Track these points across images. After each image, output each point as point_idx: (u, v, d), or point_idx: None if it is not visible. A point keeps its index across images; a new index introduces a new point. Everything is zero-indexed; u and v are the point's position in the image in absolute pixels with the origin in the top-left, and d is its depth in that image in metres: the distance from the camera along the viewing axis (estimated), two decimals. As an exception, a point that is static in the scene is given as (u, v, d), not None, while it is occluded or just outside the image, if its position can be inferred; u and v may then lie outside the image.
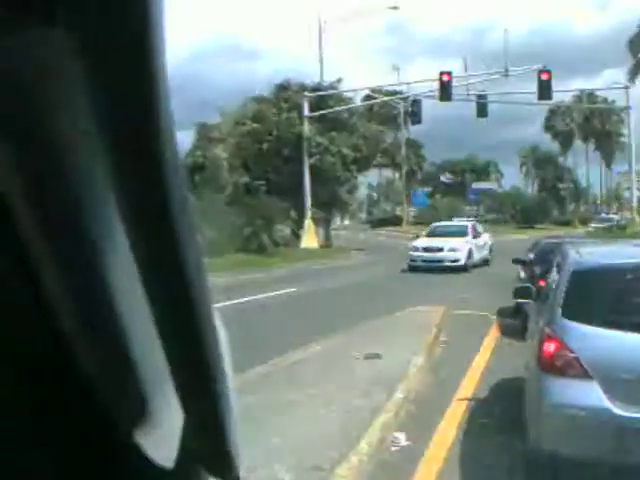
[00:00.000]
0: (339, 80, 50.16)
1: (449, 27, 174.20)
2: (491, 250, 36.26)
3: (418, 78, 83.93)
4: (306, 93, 46.43)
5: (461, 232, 34.53)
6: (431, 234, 35.62)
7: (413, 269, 31.55)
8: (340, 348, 12.66)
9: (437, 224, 39.77)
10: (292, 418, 8.20)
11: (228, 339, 0.96)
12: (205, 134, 47.46)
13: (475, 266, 32.73)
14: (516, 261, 19.82)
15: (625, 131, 65.81)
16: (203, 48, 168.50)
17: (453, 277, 29.40)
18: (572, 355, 6.28)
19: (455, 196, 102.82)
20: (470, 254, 32.66)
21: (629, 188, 63.15)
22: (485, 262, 34.55)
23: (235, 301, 20.86)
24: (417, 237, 36.72)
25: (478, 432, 8.35)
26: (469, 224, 37.80)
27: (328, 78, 51.44)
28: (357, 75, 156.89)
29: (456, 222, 42.71)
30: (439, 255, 32.10)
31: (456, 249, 32.19)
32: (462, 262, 31.85)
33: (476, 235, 34.89)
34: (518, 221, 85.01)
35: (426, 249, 32.58)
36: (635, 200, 60.62)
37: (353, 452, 6.93)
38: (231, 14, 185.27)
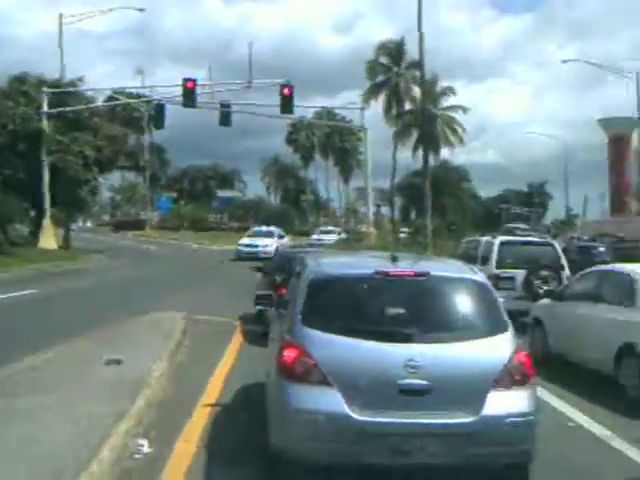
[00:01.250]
0: (80, 78, 48.65)
1: (198, 35, 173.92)
2: None
3: (164, 83, 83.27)
4: (45, 89, 44.69)
5: None
6: None
7: None
8: (80, 353, 12.24)
9: None
10: (28, 427, 7.81)
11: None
12: None
13: None
14: (256, 269, 20.22)
15: (362, 149, 68.71)
16: None
17: (201, 282, 29.48)
18: (312, 362, 6.50)
19: (200, 202, 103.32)
20: None
21: (365, 204, 65.93)
22: None
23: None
24: None
25: (222, 437, 8.41)
26: None
27: (70, 74, 49.78)
28: (100, 75, 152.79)
29: None
30: None
31: None
32: None
33: None
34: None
35: None
36: (371, 215, 63.58)
37: (94, 460, 6.73)
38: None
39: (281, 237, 52.24)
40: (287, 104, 42.30)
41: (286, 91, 41.72)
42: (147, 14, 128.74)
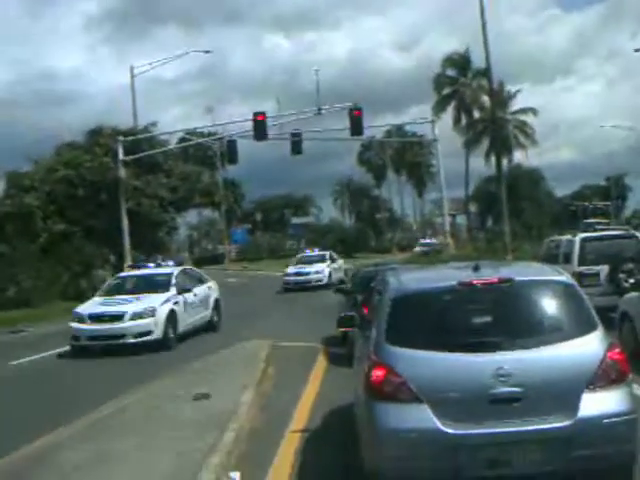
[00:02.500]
0: (154, 123, 49.85)
1: (263, 68, 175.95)
2: None
3: (234, 119, 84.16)
4: (120, 137, 45.68)
5: None
6: None
7: None
8: (168, 391, 12.32)
9: None
10: (124, 467, 7.89)
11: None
12: (16, 182, 45.66)
13: None
14: (338, 290, 20.12)
15: (434, 162, 68.44)
16: (12, 93, 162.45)
17: (282, 306, 29.59)
18: (400, 380, 6.37)
19: (276, 232, 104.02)
20: None
21: (441, 215, 65.38)
22: None
23: (56, 351, 20.19)
24: None
25: (313, 463, 8.31)
26: None
27: (143, 121, 51.02)
28: (173, 117, 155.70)
29: None
30: None
31: None
32: None
33: None
34: (338, 252, 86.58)
35: None
36: (448, 225, 63.07)
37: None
38: (40, 57, 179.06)
39: (334, 260, 47.70)
40: (357, 126, 42.16)
41: (355, 113, 41.57)
42: (214, 55, 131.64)
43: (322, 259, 46.10)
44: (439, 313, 6.88)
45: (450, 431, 6.20)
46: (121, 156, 44.90)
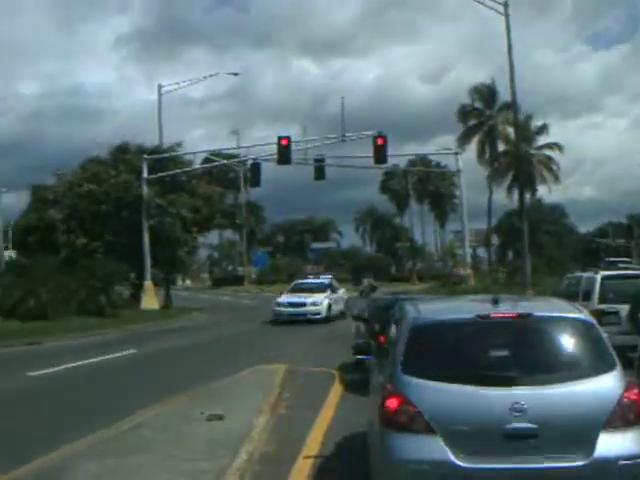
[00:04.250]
0: (179, 143, 50.07)
1: (289, 93, 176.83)
2: None
3: (259, 142, 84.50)
4: (145, 155, 46.02)
5: None
6: None
7: None
8: (182, 410, 12.31)
9: None
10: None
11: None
12: (40, 195, 46.10)
13: None
14: (356, 318, 20.07)
15: (457, 193, 68.28)
16: (40, 107, 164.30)
17: (296, 334, 29.55)
18: (414, 410, 6.33)
19: (296, 255, 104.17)
20: None
21: (462, 247, 65.17)
22: None
23: (72, 364, 20.19)
24: None
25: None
26: None
27: (168, 139, 51.36)
28: (198, 137, 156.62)
29: None
30: None
31: None
32: None
33: None
34: (356, 278, 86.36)
35: None
36: (469, 257, 62.86)
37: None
38: (69, 72, 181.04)
39: (334, 290, 40.50)
40: (381, 154, 42.22)
41: (380, 141, 41.63)
42: (241, 77, 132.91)
43: (321, 288, 39.16)
44: (456, 345, 6.85)
45: (463, 464, 6.16)
46: (145, 174, 45.22)
